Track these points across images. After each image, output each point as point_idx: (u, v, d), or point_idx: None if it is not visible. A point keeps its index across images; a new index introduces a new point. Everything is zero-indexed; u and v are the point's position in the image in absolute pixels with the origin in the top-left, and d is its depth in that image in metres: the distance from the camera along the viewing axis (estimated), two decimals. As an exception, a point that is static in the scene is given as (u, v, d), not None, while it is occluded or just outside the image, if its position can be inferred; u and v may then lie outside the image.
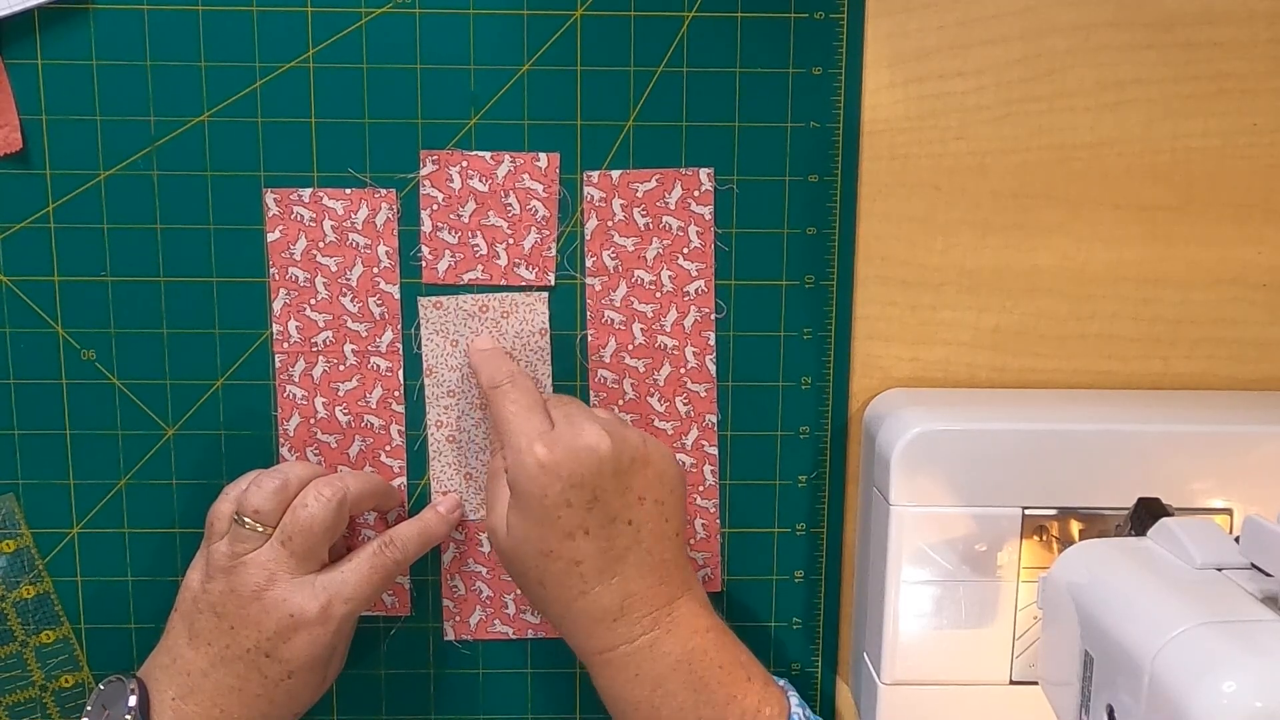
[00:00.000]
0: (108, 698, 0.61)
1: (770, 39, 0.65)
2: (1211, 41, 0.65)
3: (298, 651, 0.60)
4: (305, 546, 0.61)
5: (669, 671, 0.60)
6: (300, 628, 0.60)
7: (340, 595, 0.61)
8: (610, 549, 0.59)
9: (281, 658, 0.60)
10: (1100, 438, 0.62)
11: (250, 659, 0.60)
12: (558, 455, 0.58)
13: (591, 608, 0.59)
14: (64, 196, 0.65)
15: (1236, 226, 0.67)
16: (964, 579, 0.63)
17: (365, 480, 0.64)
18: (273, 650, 0.60)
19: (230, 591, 0.60)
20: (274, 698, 0.61)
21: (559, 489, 0.58)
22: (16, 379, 0.66)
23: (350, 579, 0.62)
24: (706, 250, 0.67)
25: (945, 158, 0.66)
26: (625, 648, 0.60)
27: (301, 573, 0.61)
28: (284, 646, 0.60)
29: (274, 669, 0.60)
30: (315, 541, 0.61)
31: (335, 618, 0.61)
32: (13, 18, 0.62)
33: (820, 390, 0.68)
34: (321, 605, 0.60)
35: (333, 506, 0.61)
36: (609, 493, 0.59)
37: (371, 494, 0.64)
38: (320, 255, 0.66)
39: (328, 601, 0.61)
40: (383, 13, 0.64)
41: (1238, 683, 0.42)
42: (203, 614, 0.61)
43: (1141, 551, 0.53)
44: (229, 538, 0.61)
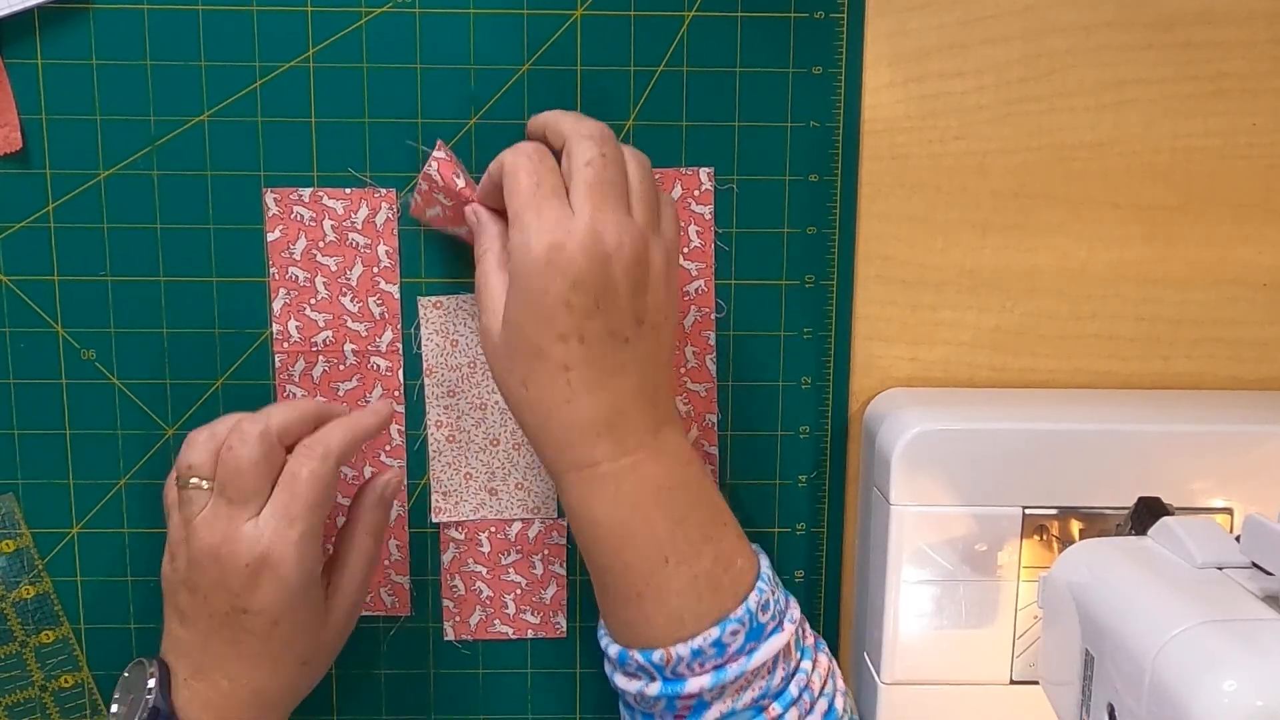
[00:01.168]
0: (131, 682, 0.60)
1: (770, 39, 0.65)
2: (1211, 41, 0.65)
3: (269, 596, 0.57)
4: (241, 491, 0.57)
5: (649, 497, 0.57)
6: (260, 571, 0.57)
7: (283, 521, 0.57)
8: (602, 361, 0.56)
9: (257, 608, 0.57)
10: (1100, 438, 0.62)
11: (232, 620, 0.58)
12: (568, 252, 0.54)
13: (576, 418, 0.56)
14: (64, 196, 0.65)
15: (1236, 226, 0.67)
16: (964, 579, 0.63)
17: (291, 407, 0.60)
18: (247, 604, 0.57)
19: (192, 562, 0.58)
20: (273, 652, 0.59)
21: (562, 285, 0.54)
22: (16, 379, 0.66)
23: (283, 500, 0.58)
24: (706, 250, 0.67)
25: (945, 158, 0.66)
26: (607, 465, 0.57)
27: (246, 518, 0.57)
28: (254, 596, 0.57)
29: (257, 622, 0.58)
30: (249, 483, 0.57)
31: (288, 547, 0.57)
32: (13, 18, 0.62)
33: (820, 390, 0.68)
34: (269, 540, 0.57)
35: (255, 442, 0.57)
36: (611, 303, 0.55)
37: (301, 419, 0.60)
38: (320, 255, 0.66)
39: (272, 532, 0.57)
40: (383, 13, 0.64)
41: (1238, 682, 0.42)
42: (180, 593, 0.59)
43: (1142, 551, 0.53)
44: (178, 506, 0.59)
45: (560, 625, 0.70)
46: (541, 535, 0.69)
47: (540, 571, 0.69)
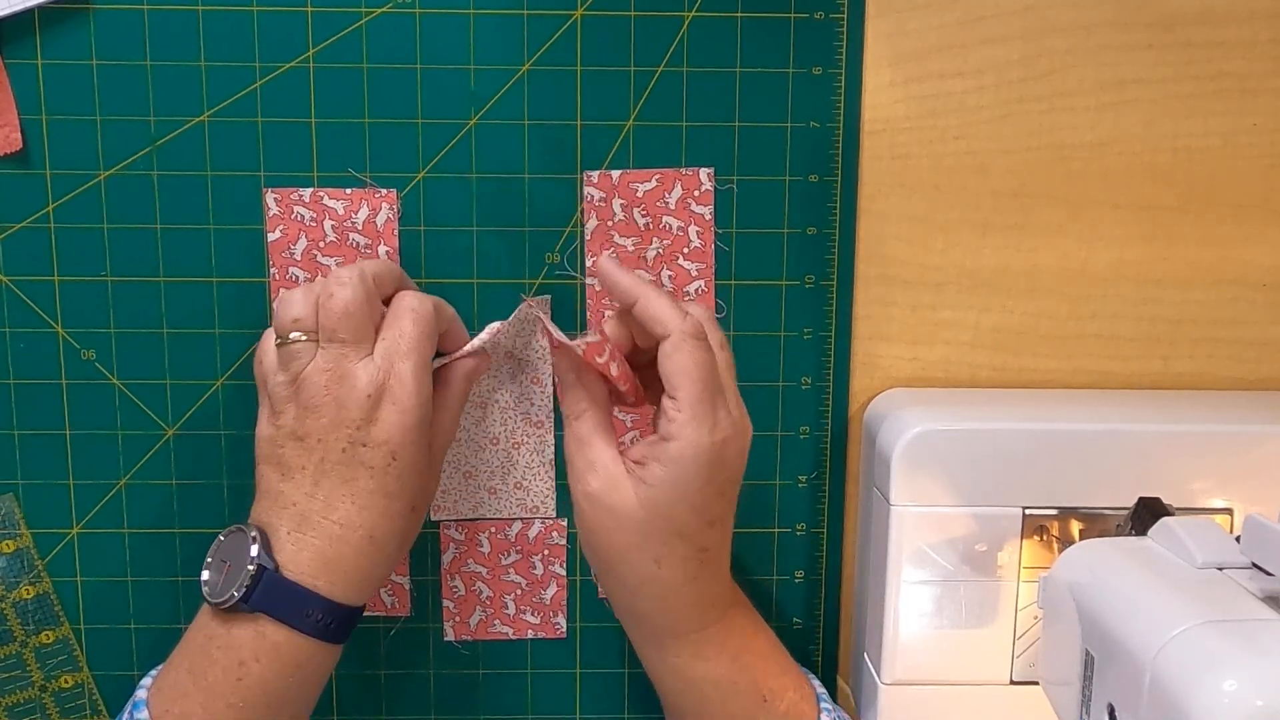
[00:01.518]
0: (227, 551, 0.58)
1: (770, 39, 0.65)
2: (1211, 41, 0.65)
3: (390, 427, 0.57)
4: (352, 331, 0.57)
5: (745, 646, 0.61)
6: (380, 401, 0.57)
7: (396, 354, 0.58)
8: (727, 540, 0.59)
9: (378, 440, 0.57)
10: (1100, 438, 0.62)
11: (348, 457, 0.57)
12: (734, 448, 0.57)
13: (700, 593, 0.59)
14: (64, 196, 0.65)
15: (1236, 226, 0.67)
16: (964, 579, 0.63)
17: (378, 261, 0.62)
18: (366, 438, 0.57)
19: (304, 409, 0.57)
20: (389, 489, 0.58)
21: (722, 479, 0.57)
22: (16, 379, 0.66)
23: (393, 335, 0.58)
24: (706, 250, 0.67)
25: (945, 158, 0.66)
26: (714, 627, 0.60)
27: (359, 358, 0.57)
28: (375, 429, 0.57)
29: (375, 455, 0.57)
30: (357, 324, 0.57)
31: (406, 377, 0.57)
32: (13, 18, 0.62)
33: (820, 390, 0.68)
34: (386, 371, 0.57)
35: (356, 282, 0.58)
36: (735, 486, 0.59)
37: (389, 272, 0.61)
38: (321, 255, 0.66)
39: (389, 364, 0.57)
40: (383, 13, 0.64)
41: (1238, 681, 0.42)
42: (285, 446, 0.58)
43: (1142, 551, 0.53)
44: (280, 365, 0.58)
45: (560, 626, 0.70)
46: (541, 535, 0.69)
47: (540, 572, 0.69)
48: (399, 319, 0.59)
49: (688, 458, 0.56)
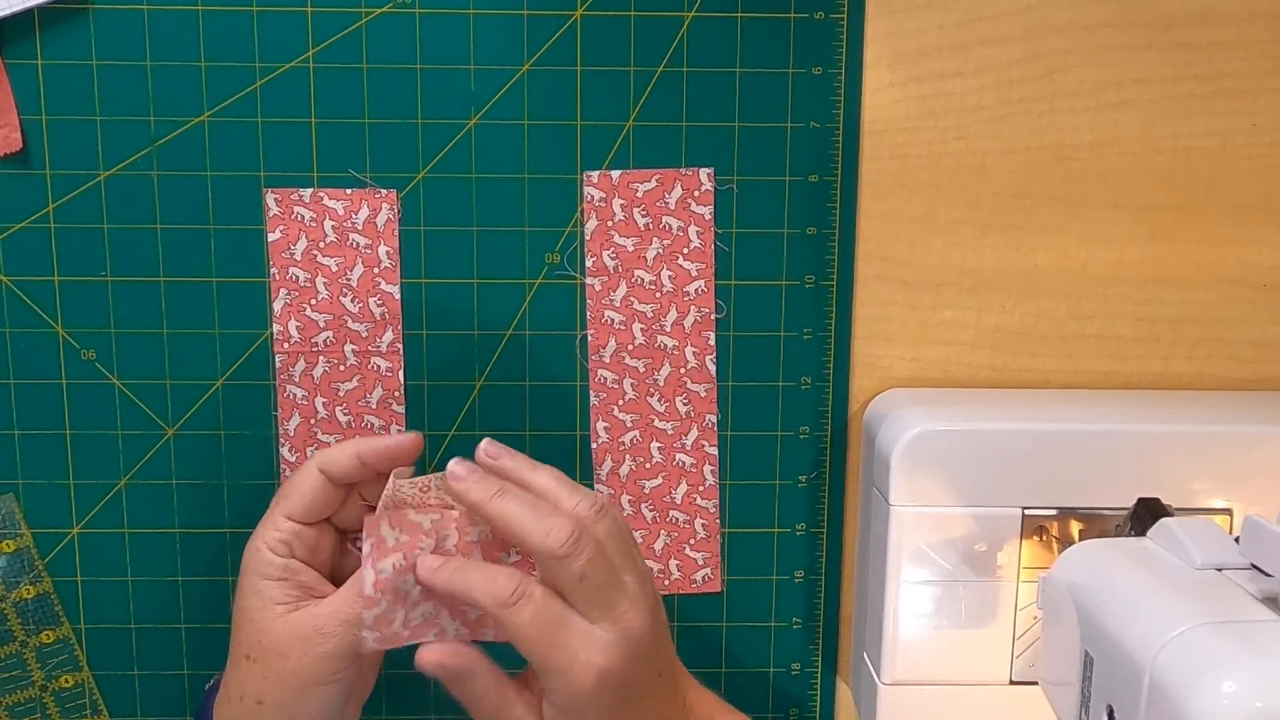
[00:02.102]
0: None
1: (770, 39, 0.65)
2: (1211, 41, 0.65)
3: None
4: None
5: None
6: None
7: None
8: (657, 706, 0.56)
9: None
10: (1100, 438, 0.62)
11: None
12: (615, 662, 0.52)
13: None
14: (64, 196, 0.65)
15: (1236, 226, 0.67)
16: (964, 579, 0.63)
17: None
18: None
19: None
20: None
21: (613, 698, 0.53)
22: (16, 379, 0.66)
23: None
24: (706, 250, 0.67)
25: (945, 158, 0.66)
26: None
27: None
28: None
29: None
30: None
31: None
32: (13, 18, 0.62)
33: (820, 390, 0.68)
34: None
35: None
36: (640, 681, 0.54)
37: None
38: (321, 255, 0.66)
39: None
40: (383, 13, 0.64)
41: (1237, 683, 0.42)
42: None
43: (1141, 552, 0.53)
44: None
45: (560, 625, 0.70)
46: (541, 535, 0.69)
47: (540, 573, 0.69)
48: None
49: (569, 702, 0.53)
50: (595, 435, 0.68)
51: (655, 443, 0.68)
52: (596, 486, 0.68)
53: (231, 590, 0.68)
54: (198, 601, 0.69)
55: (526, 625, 0.52)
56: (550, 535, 0.52)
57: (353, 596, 0.54)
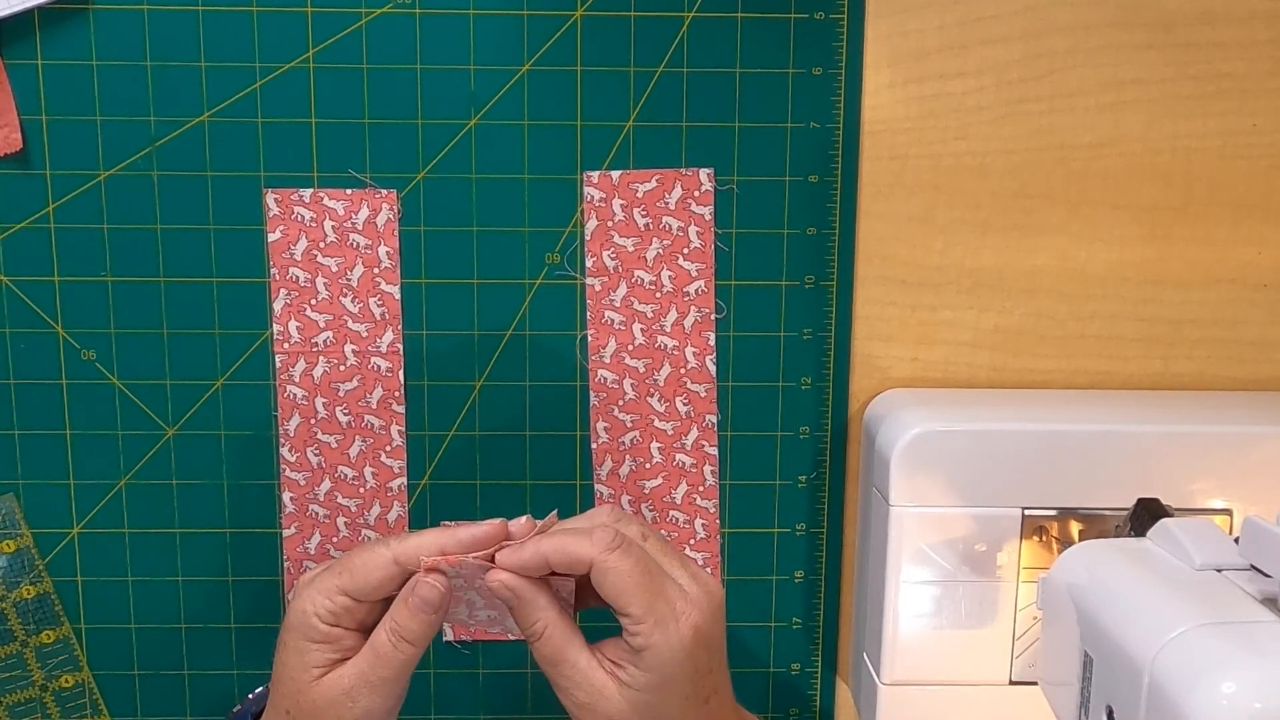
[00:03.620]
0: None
1: (770, 39, 0.65)
2: (1211, 41, 0.65)
3: None
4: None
5: None
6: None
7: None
8: (725, 695, 0.56)
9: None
10: (1100, 438, 0.62)
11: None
12: (707, 612, 0.53)
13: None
14: (64, 196, 0.65)
15: (1236, 226, 0.67)
16: (964, 579, 0.63)
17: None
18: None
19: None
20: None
21: (706, 653, 0.53)
22: (16, 379, 0.66)
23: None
24: (706, 250, 0.67)
25: (945, 158, 0.66)
26: None
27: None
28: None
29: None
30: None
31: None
32: (13, 18, 0.62)
33: (820, 390, 0.68)
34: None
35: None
36: (721, 632, 0.55)
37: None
38: (321, 255, 0.66)
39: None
40: (383, 13, 0.64)
41: (1237, 684, 0.42)
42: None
43: (1141, 552, 0.53)
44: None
45: (560, 625, 0.70)
46: (541, 535, 0.69)
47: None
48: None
49: (665, 660, 0.53)
50: (595, 435, 0.68)
51: (655, 443, 0.68)
52: (597, 487, 0.68)
53: (231, 590, 0.69)
54: (198, 601, 0.69)
55: (631, 570, 0.52)
56: (595, 537, 0.52)
57: (371, 657, 0.54)
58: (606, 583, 0.52)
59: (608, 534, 0.53)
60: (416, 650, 0.54)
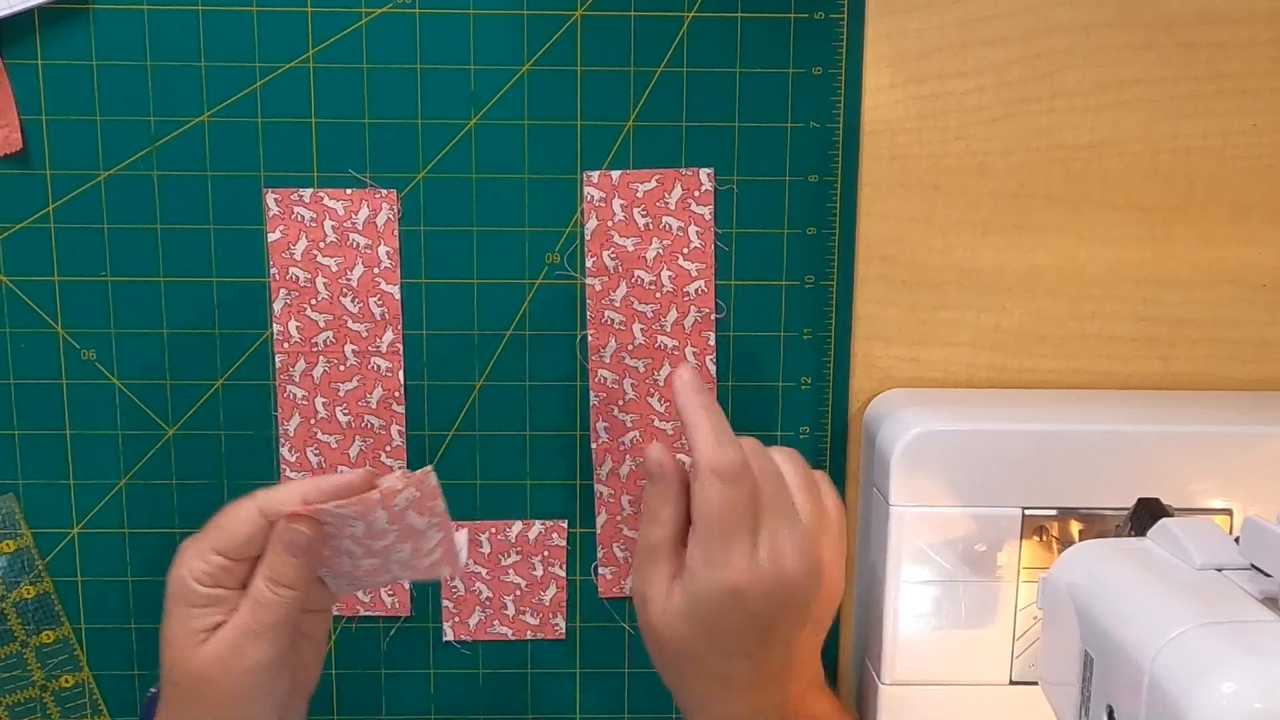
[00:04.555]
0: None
1: (770, 39, 0.65)
2: (1211, 41, 0.65)
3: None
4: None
5: None
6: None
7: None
8: (764, 668, 0.56)
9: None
10: (1100, 438, 0.62)
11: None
12: (754, 589, 0.54)
13: (727, 711, 0.57)
14: (64, 196, 0.65)
15: (1236, 226, 0.67)
16: (964, 579, 0.63)
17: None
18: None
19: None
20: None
21: (740, 619, 0.54)
22: (16, 379, 0.66)
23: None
24: (706, 250, 0.67)
25: (945, 158, 0.66)
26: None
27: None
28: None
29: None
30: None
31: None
32: (13, 18, 0.62)
33: (820, 390, 0.68)
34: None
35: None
36: (784, 621, 0.55)
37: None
38: (321, 255, 0.66)
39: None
40: (383, 13, 0.64)
41: (1237, 683, 0.42)
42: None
43: (1141, 552, 0.53)
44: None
45: (559, 627, 0.70)
46: (541, 537, 0.69)
47: (540, 573, 0.69)
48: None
49: (697, 595, 0.54)
50: (595, 435, 0.68)
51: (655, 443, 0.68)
52: (597, 487, 0.68)
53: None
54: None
55: (722, 505, 0.54)
56: (720, 453, 0.54)
57: (251, 605, 0.54)
58: (695, 496, 0.55)
59: (727, 460, 0.54)
60: (295, 595, 0.54)
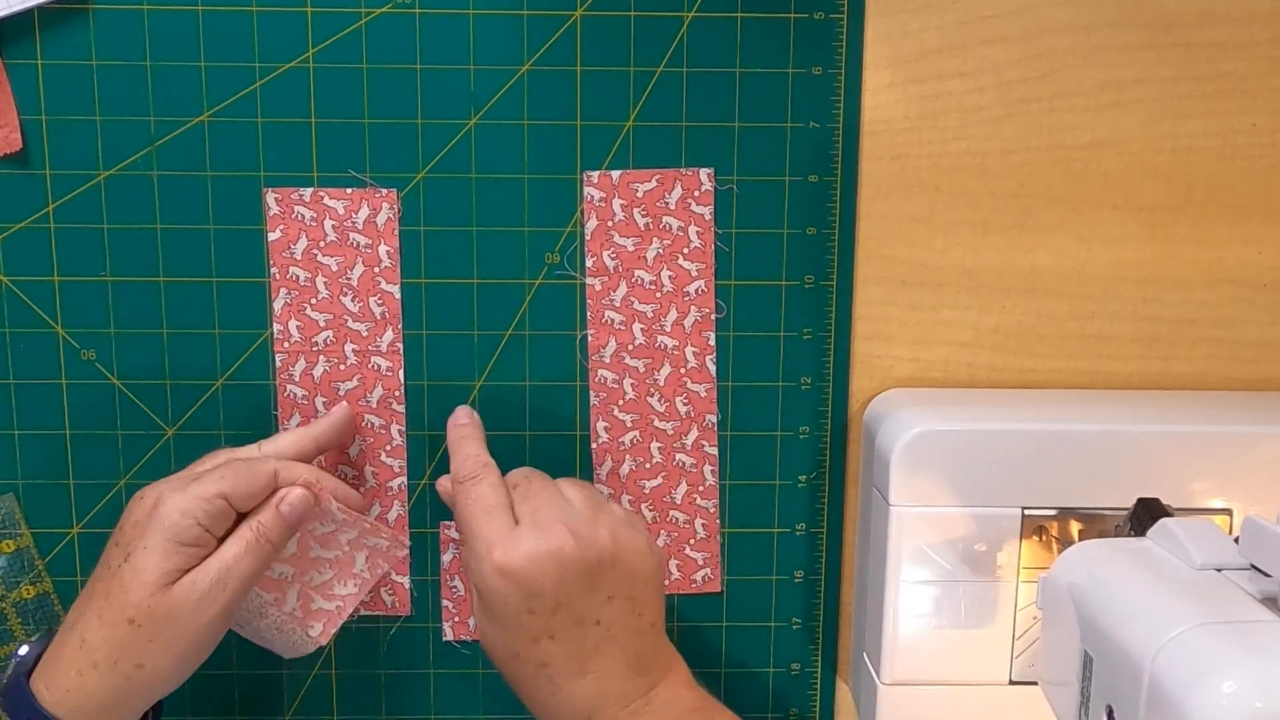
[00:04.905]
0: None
1: (770, 39, 0.65)
2: (1211, 41, 0.65)
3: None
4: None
5: None
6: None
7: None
8: (580, 650, 0.58)
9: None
10: (1100, 438, 0.62)
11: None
12: (516, 562, 0.57)
13: (564, 707, 0.58)
14: (64, 196, 0.65)
15: (1236, 226, 0.67)
16: (964, 579, 0.63)
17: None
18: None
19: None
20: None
21: (520, 597, 0.57)
22: (16, 379, 0.66)
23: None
24: (706, 250, 0.67)
25: (945, 158, 0.66)
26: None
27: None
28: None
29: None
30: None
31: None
32: (13, 18, 0.62)
33: (820, 390, 0.68)
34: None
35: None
36: (574, 597, 0.57)
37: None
38: (321, 255, 0.66)
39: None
40: (383, 13, 0.64)
41: (1237, 683, 0.42)
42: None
43: (1141, 552, 0.53)
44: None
45: (560, 625, 0.70)
46: (541, 535, 0.69)
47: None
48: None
49: (478, 585, 0.58)
50: (595, 435, 0.68)
51: (655, 443, 0.68)
52: (597, 486, 0.68)
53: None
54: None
55: (471, 503, 0.59)
56: (461, 466, 0.62)
57: (238, 548, 0.57)
58: (456, 511, 0.61)
59: (476, 466, 0.61)
60: (274, 552, 0.59)
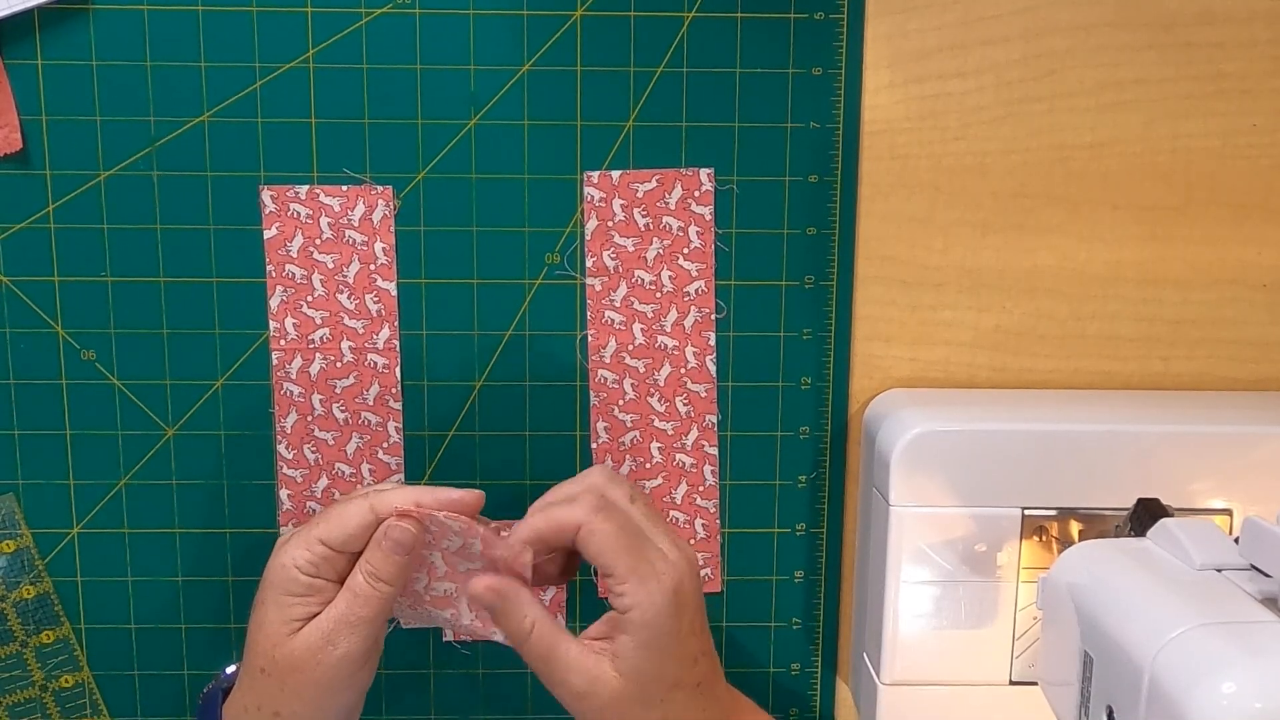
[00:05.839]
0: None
1: (770, 39, 0.65)
2: (1211, 41, 0.65)
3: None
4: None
5: None
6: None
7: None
8: (714, 663, 0.59)
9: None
10: (1100, 438, 0.62)
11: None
12: (687, 575, 0.57)
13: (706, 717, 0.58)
14: (64, 196, 0.65)
15: (1236, 226, 0.67)
16: (964, 579, 0.63)
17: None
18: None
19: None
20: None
21: (690, 614, 0.57)
22: (16, 379, 0.66)
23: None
24: (706, 250, 0.67)
25: (945, 158, 0.66)
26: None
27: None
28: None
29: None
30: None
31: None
32: (13, 18, 0.62)
33: (820, 390, 0.68)
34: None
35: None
36: (700, 605, 0.58)
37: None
38: (317, 252, 0.66)
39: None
40: (383, 13, 0.64)
41: (1237, 684, 0.42)
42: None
43: (1141, 552, 0.53)
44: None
45: (560, 625, 0.70)
46: (541, 535, 0.69)
47: (540, 571, 0.69)
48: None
49: (650, 619, 0.55)
50: (595, 435, 0.68)
51: (655, 443, 0.68)
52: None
53: (231, 589, 0.69)
54: (198, 601, 0.69)
55: (614, 531, 0.55)
56: (581, 503, 0.56)
57: (349, 597, 0.56)
58: (591, 544, 0.55)
59: (592, 498, 0.56)
60: (392, 590, 0.56)
